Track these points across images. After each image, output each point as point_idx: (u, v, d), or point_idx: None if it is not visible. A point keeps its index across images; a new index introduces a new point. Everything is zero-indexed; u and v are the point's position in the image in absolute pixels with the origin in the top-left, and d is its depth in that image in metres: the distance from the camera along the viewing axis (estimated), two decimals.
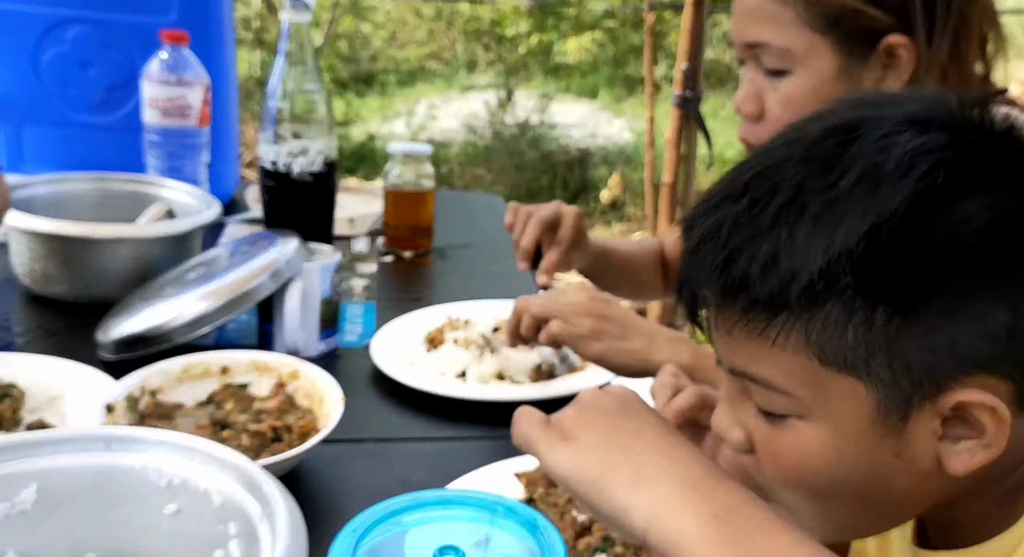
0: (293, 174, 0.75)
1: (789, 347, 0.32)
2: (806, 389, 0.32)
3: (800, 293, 0.31)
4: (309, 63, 0.75)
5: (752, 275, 0.31)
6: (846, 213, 0.30)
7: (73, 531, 0.38)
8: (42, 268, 0.73)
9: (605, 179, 3.03)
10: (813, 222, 0.31)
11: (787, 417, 0.33)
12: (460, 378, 0.65)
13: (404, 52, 4.51)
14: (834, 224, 0.30)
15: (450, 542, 0.32)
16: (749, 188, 0.32)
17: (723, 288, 0.32)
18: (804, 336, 0.31)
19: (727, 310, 0.33)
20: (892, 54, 0.55)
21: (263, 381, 0.55)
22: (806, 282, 0.30)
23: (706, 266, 0.32)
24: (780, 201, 0.31)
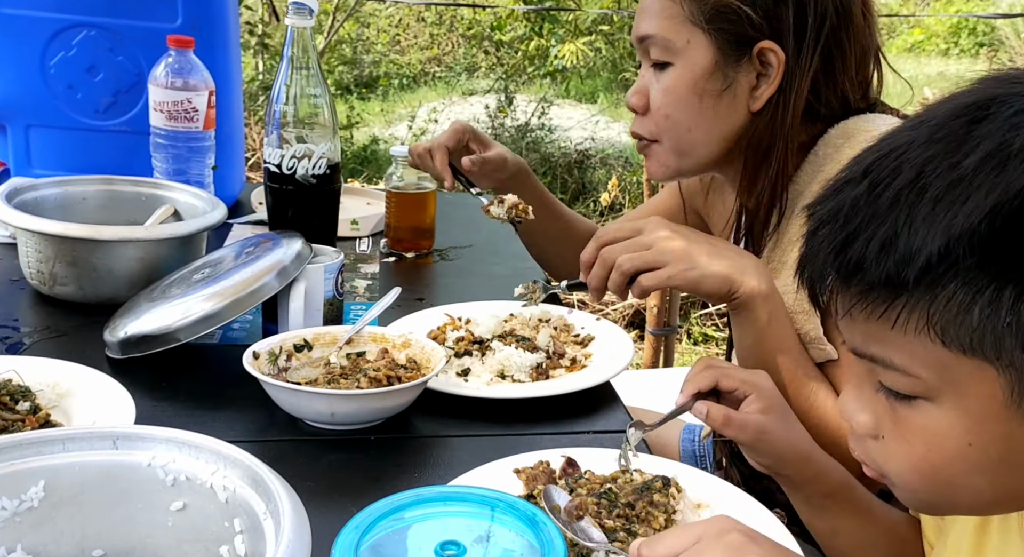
0: (297, 177, 0.76)
1: (910, 329, 0.31)
2: (931, 371, 0.32)
3: (918, 274, 0.30)
4: (312, 67, 0.75)
5: (868, 257, 0.31)
6: (969, 193, 0.29)
7: (80, 527, 0.39)
8: (50, 269, 0.74)
9: (604, 181, 3.04)
10: (933, 203, 0.30)
11: (915, 398, 0.32)
12: (462, 377, 0.66)
13: (406, 56, 4.53)
14: (956, 204, 0.29)
15: (452, 537, 0.32)
16: (870, 171, 0.32)
17: (839, 270, 0.32)
18: (925, 318, 0.30)
19: (846, 293, 0.33)
20: (764, 61, 0.58)
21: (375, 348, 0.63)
22: (923, 263, 0.30)
23: (823, 249, 0.32)
24: (901, 183, 0.31)
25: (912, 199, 0.31)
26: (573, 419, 0.62)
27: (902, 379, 0.33)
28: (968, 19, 4.35)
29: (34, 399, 0.55)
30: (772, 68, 0.58)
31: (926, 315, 0.31)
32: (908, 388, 0.33)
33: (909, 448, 0.33)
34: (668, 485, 0.48)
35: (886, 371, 0.33)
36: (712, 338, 2.20)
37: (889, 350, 0.32)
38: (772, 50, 0.58)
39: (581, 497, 0.45)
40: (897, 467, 0.34)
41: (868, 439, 0.35)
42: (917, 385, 0.32)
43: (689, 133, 0.61)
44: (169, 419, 0.57)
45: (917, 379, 0.32)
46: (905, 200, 0.31)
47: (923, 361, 0.32)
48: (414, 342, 0.63)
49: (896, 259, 0.30)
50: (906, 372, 0.32)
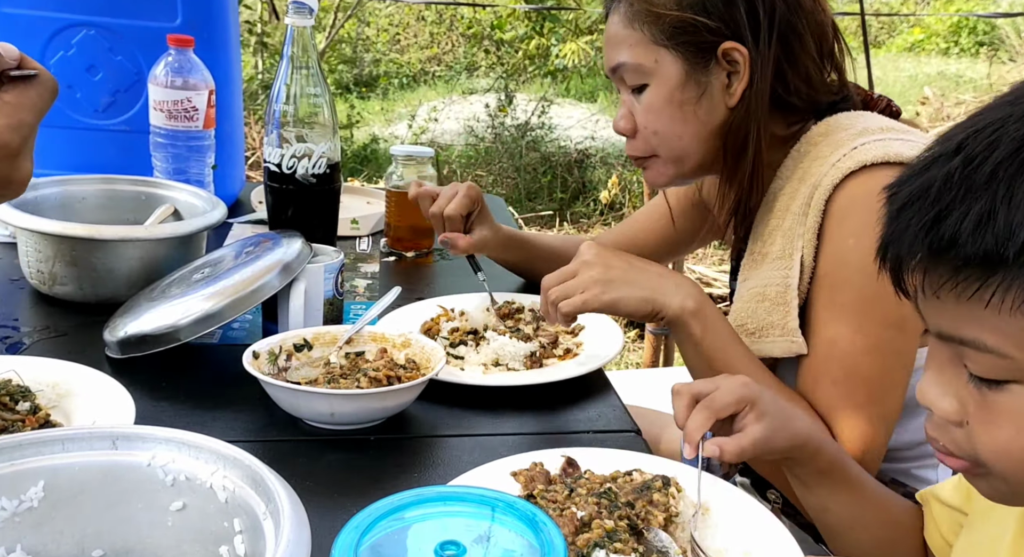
0: (297, 176, 0.76)
1: (1005, 308, 0.30)
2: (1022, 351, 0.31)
3: (1019, 250, 0.29)
4: (312, 67, 0.75)
5: (964, 232, 0.30)
6: None
7: (80, 528, 0.39)
8: (50, 269, 0.74)
9: (604, 180, 3.04)
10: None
11: (1005, 383, 0.32)
12: (457, 364, 0.66)
13: (406, 56, 4.53)
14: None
15: (451, 537, 0.32)
16: (964, 146, 0.31)
17: (931, 247, 0.31)
18: (1022, 296, 0.30)
19: (935, 272, 0.31)
20: (731, 60, 0.61)
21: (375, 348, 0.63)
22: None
23: (912, 226, 0.31)
24: (999, 156, 0.30)
25: (1012, 173, 0.29)
26: (573, 419, 0.62)
27: (994, 361, 0.31)
28: (968, 18, 4.35)
29: (34, 399, 0.55)
30: (739, 64, 0.61)
31: (1022, 293, 0.30)
32: (999, 370, 0.32)
33: (998, 432, 0.32)
34: (668, 485, 0.48)
35: (977, 354, 0.32)
36: None
37: (981, 331, 0.31)
38: (735, 49, 0.61)
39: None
40: (986, 452, 0.33)
41: (952, 426, 0.34)
42: (1009, 367, 0.31)
43: (680, 141, 0.64)
44: (169, 419, 0.57)
45: (1010, 360, 0.31)
46: (1004, 174, 0.30)
47: (1017, 341, 0.31)
48: (414, 342, 0.63)
49: (995, 234, 0.29)
50: (999, 353, 0.31)
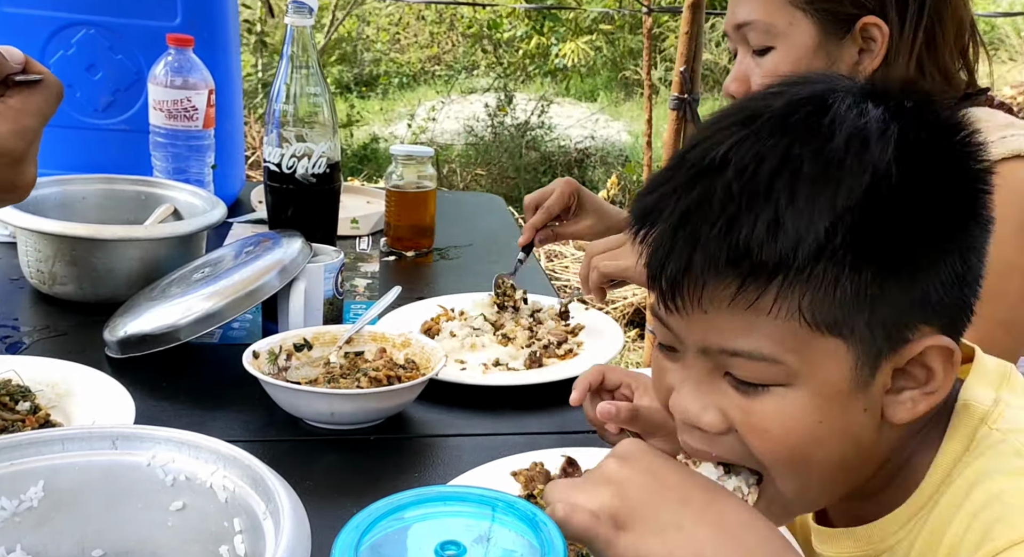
0: (297, 175, 0.76)
1: (782, 314, 0.32)
2: (793, 354, 0.32)
3: (807, 253, 0.31)
4: (312, 66, 0.75)
5: (757, 239, 0.31)
6: (843, 172, 0.31)
7: (80, 527, 0.39)
8: (49, 268, 0.74)
9: (603, 180, 3.04)
10: (810, 183, 0.31)
11: (768, 387, 0.33)
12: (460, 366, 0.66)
13: (406, 55, 4.53)
14: (833, 183, 0.31)
15: (452, 537, 0.32)
16: (730, 159, 0.32)
17: (728, 256, 0.32)
18: (798, 300, 0.32)
19: (720, 283, 0.32)
20: (867, 36, 0.59)
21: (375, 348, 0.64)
22: (812, 241, 0.31)
23: (702, 237, 0.32)
24: (771, 166, 0.32)
25: (788, 181, 0.31)
26: (572, 419, 0.63)
27: (765, 368, 0.33)
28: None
29: (34, 399, 0.55)
30: (875, 42, 0.59)
31: (799, 297, 0.31)
32: (769, 376, 0.33)
33: (766, 435, 0.34)
34: None
35: (745, 362, 0.33)
36: None
37: (757, 340, 0.32)
38: (876, 25, 0.58)
39: None
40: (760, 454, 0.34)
41: (721, 438, 0.35)
42: (777, 372, 0.32)
43: None
44: (169, 419, 0.57)
45: (780, 365, 0.32)
46: (780, 183, 0.31)
47: (789, 345, 0.32)
48: (414, 342, 0.63)
49: (788, 240, 0.31)
50: (772, 359, 0.32)
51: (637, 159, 3.20)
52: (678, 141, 1.81)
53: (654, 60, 3.30)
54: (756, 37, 0.62)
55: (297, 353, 0.62)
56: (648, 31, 2.13)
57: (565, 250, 2.54)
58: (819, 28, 0.59)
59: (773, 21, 0.60)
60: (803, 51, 0.60)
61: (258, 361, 0.59)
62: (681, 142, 1.81)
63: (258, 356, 0.59)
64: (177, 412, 0.59)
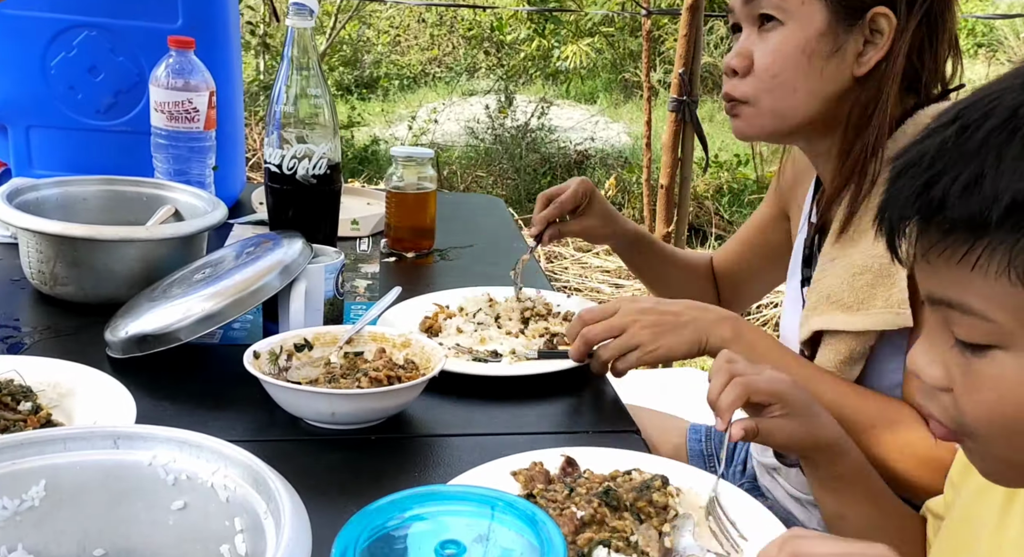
0: (298, 177, 0.76)
1: (991, 271, 0.31)
2: (1008, 315, 0.31)
3: (1002, 214, 0.30)
4: (313, 68, 0.75)
5: (952, 195, 0.31)
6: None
7: (81, 527, 0.39)
8: (51, 269, 0.74)
9: (603, 181, 3.04)
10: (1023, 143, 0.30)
11: (988, 348, 0.33)
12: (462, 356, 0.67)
13: (406, 57, 4.54)
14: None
15: (452, 537, 0.32)
16: (960, 116, 0.32)
17: (921, 210, 0.32)
18: (1007, 259, 0.31)
19: (926, 236, 0.33)
20: (875, 28, 0.59)
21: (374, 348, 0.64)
22: (1008, 202, 0.30)
23: (905, 191, 0.32)
24: (991, 125, 0.31)
25: (1002, 139, 0.31)
26: (573, 418, 0.62)
27: (978, 324, 0.32)
28: (967, 19, 4.35)
29: (35, 399, 0.55)
30: (882, 35, 0.59)
31: (1008, 257, 0.31)
32: (983, 335, 0.32)
33: (980, 398, 0.33)
34: (667, 483, 0.48)
35: (962, 317, 0.32)
36: None
37: (967, 294, 0.32)
38: (885, 15, 0.58)
39: None
40: (970, 419, 0.34)
41: (940, 393, 0.35)
42: (993, 331, 0.32)
43: (794, 94, 0.61)
44: (170, 418, 0.57)
45: (993, 324, 0.32)
46: (995, 141, 0.31)
47: (1001, 305, 0.31)
48: (414, 342, 0.63)
49: (980, 198, 0.30)
50: (983, 317, 0.32)
51: (636, 161, 3.21)
52: (677, 143, 1.81)
53: (653, 62, 3.30)
54: (768, 5, 0.60)
55: (298, 353, 0.62)
56: (647, 33, 2.13)
57: (565, 251, 2.54)
58: (830, 13, 0.58)
59: (791, 10, 0.59)
60: (811, 33, 0.59)
61: (259, 361, 0.59)
62: (680, 144, 1.81)
63: (259, 356, 0.59)
64: (178, 412, 0.59)
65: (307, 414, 0.58)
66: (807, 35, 0.59)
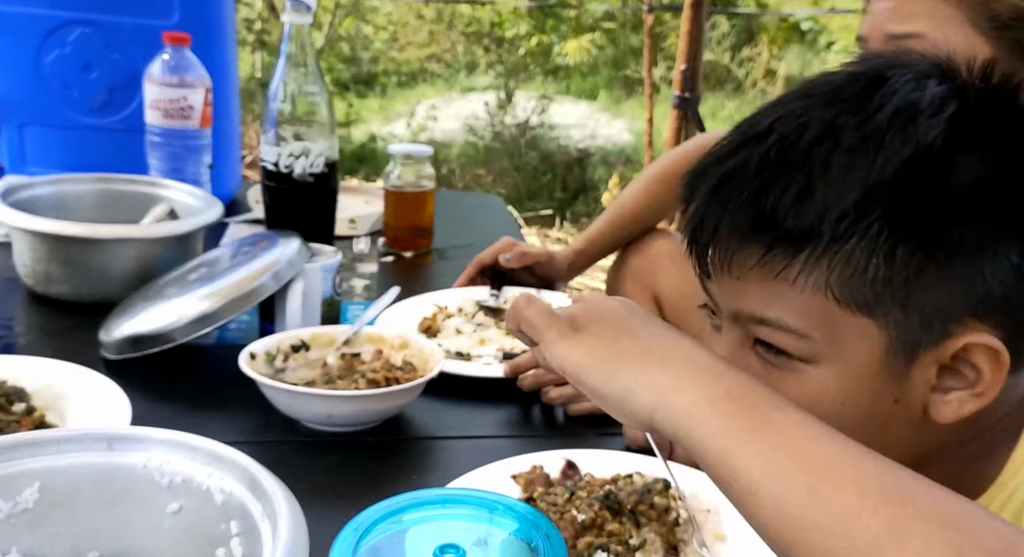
0: (294, 175, 0.76)
1: (808, 286, 0.31)
2: (819, 330, 0.32)
3: (834, 224, 0.30)
4: (310, 65, 0.75)
5: (784, 206, 0.31)
6: (882, 144, 0.30)
7: (75, 530, 0.38)
8: (44, 268, 0.73)
9: (604, 179, 3.04)
10: (849, 153, 0.30)
11: (794, 361, 0.32)
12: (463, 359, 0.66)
13: (405, 54, 4.52)
14: (870, 154, 0.30)
15: (450, 540, 0.32)
16: (774, 128, 0.32)
17: (752, 223, 0.31)
18: (825, 274, 0.31)
19: (747, 249, 0.32)
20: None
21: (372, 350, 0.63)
22: (839, 213, 0.30)
23: (731, 203, 0.32)
24: (812, 135, 0.31)
25: (826, 150, 0.31)
26: (573, 421, 0.62)
27: (790, 341, 0.32)
28: None
29: (29, 400, 0.55)
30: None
31: (826, 271, 0.31)
32: (795, 349, 0.32)
33: None
34: (669, 487, 0.48)
35: (774, 333, 0.32)
36: None
37: (783, 310, 0.32)
38: None
39: None
40: None
41: None
42: (805, 346, 0.32)
43: None
44: (165, 420, 0.56)
45: (805, 340, 0.32)
46: (818, 151, 0.31)
47: (816, 321, 0.32)
48: (412, 343, 0.63)
49: (815, 208, 0.30)
50: (798, 333, 0.32)
51: (638, 158, 3.20)
52: (679, 139, 1.81)
53: (655, 59, 3.29)
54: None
55: (294, 354, 0.62)
56: (649, 29, 2.13)
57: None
58: (1004, 57, 0.53)
59: (948, 42, 0.52)
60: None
61: (255, 362, 0.59)
62: (682, 140, 1.81)
63: (255, 357, 0.59)
64: (173, 414, 0.59)
65: (304, 416, 0.57)
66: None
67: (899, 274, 0.30)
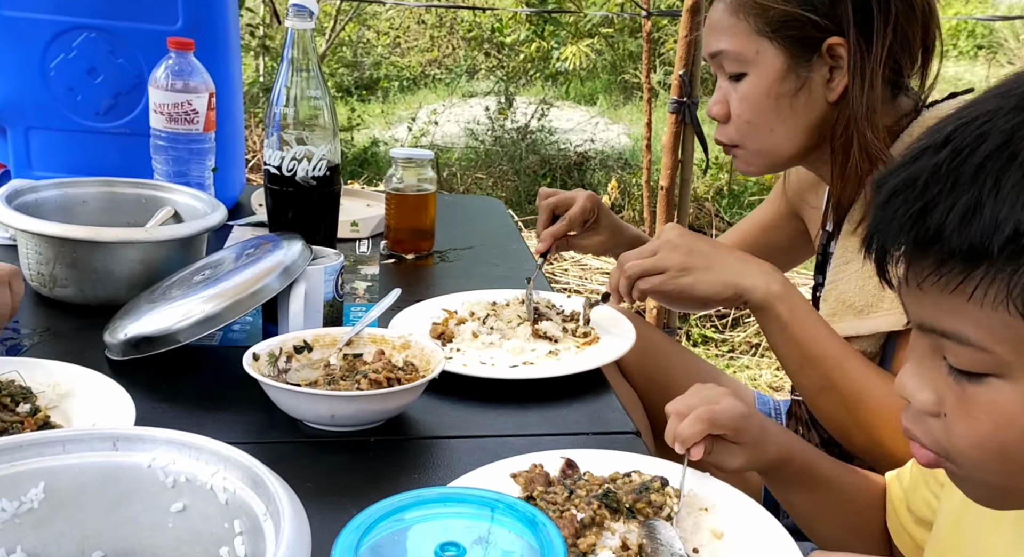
0: (297, 178, 0.76)
1: (988, 302, 0.30)
2: (1006, 346, 0.31)
3: (1004, 244, 0.29)
4: (312, 69, 0.76)
5: (950, 225, 0.30)
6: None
7: (80, 529, 0.39)
8: (50, 271, 0.74)
9: (603, 183, 3.05)
10: (1023, 170, 0.29)
11: (984, 376, 0.32)
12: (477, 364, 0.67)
13: (406, 59, 4.54)
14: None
15: (451, 538, 0.32)
16: (952, 138, 0.31)
17: (916, 239, 0.31)
18: (1006, 290, 0.30)
19: (920, 263, 0.32)
20: (834, 54, 0.62)
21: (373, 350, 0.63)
22: (1010, 232, 0.29)
23: (898, 217, 0.31)
24: (987, 149, 0.30)
25: (1000, 166, 0.29)
26: (572, 420, 0.62)
27: (974, 355, 0.31)
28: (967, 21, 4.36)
29: (34, 401, 0.55)
30: (842, 60, 0.61)
31: (1007, 287, 0.30)
32: (980, 364, 0.32)
33: (976, 425, 0.32)
34: (666, 485, 0.48)
35: (957, 347, 0.32)
36: (711, 339, 2.20)
37: (963, 324, 0.31)
38: (839, 44, 0.60)
39: None
40: (962, 445, 0.33)
41: (928, 418, 0.34)
42: (990, 361, 0.31)
43: (771, 134, 0.64)
44: (169, 420, 0.57)
45: (990, 355, 0.31)
46: (992, 167, 0.30)
47: (999, 336, 0.31)
48: (413, 343, 0.63)
49: (980, 228, 0.29)
50: (980, 347, 0.31)
51: (636, 162, 3.21)
52: (677, 144, 1.81)
53: (653, 64, 3.31)
54: (729, 65, 0.64)
55: (297, 355, 0.62)
56: (647, 35, 2.14)
57: (565, 252, 2.53)
58: (786, 53, 0.62)
59: (742, 50, 0.63)
60: (775, 75, 0.62)
61: (258, 363, 0.59)
62: (680, 145, 1.82)
63: (258, 358, 0.59)
64: (177, 414, 0.59)
65: (307, 416, 0.58)
66: (771, 78, 0.62)
67: None
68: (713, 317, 2.25)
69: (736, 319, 2.22)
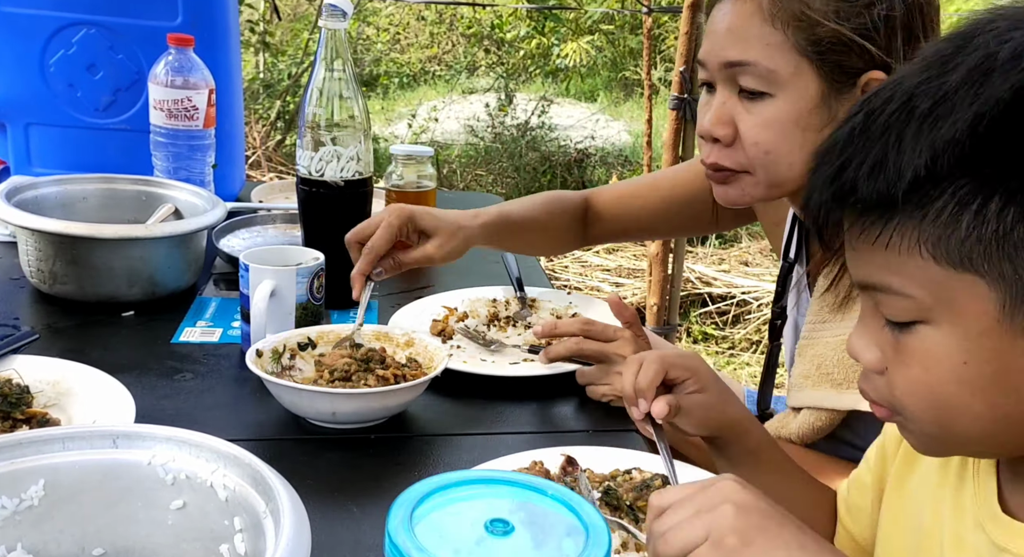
0: (326, 179, 0.74)
1: (904, 249, 0.32)
2: (925, 291, 0.32)
3: (907, 190, 0.31)
4: (345, 69, 0.73)
5: (861, 178, 0.32)
6: (953, 107, 0.30)
7: (80, 526, 0.39)
8: (50, 268, 0.74)
9: (603, 180, 3.04)
10: (920, 121, 0.31)
11: (913, 324, 0.33)
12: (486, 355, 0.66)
13: (406, 55, 4.53)
14: (940, 119, 0.31)
15: (499, 515, 0.32)
16: (867, 103, 0.33)
17: (835, 195, 0.33)
18: (916, 235, 0.31)
19: (846, 221, 0.34)
20: (867, 90, 0.54)
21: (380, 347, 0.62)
22: (911, 178, 0.31)
23: (822, 177, 0.34)
24: (891, 108, 0.32)
25: (902, 120, 0.32)
26: (573, 417, 0.62)
27: (900, 303, 0.33)
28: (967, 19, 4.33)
29: (34, 398, 0.55)
30: None
31: (917, 232, 0.31)
32: (906, 312, 0.33)
33: (907, 372, 0.34)
34: (667, 483, 0.48)
35: (887, 298, 0.33)
36: (712, 336, 2.20)
37: (888, 274, 0.33)
38: (879, 81, 0.53)
39: None
40: (900, 395, 0.34)
41: (874, 375, 0.36)
42: (914, 307, 0.33)
43: (789, 168, 0.55)
44: (169, 418, 0.57)
45: (913, 300, 0.32)
46: (895, 122, 0.32)
47: (918, 281, 0.32)
48: (417, 341, 0.63)
49: (886, 178, 0.31)
50: (903, 294, 0.33)
51: (637, 159, 3.20)
52: (678, 141, 1.81)
53: (654, 60, 3.30)
54: (751, 80, 0.54)
55: (301, 352, 0.62)
56: (648, 31, 2.13)
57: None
58: (826, 80, 0.53)
59: (776, 67, 0.53)
60: (805, 103, 0.53)
61: (261, 360, 0.59)
62: (681, 142, 1.81)
63: (261, 355, 0.59)
64: (177, 411, 0.59)
65: (308, 413, 0.58)
66: (800, 107, 0.53)
67: (995, 228, 0.30)
68: (714, 314, 2.25)
69: (736, 316, 2.22)
